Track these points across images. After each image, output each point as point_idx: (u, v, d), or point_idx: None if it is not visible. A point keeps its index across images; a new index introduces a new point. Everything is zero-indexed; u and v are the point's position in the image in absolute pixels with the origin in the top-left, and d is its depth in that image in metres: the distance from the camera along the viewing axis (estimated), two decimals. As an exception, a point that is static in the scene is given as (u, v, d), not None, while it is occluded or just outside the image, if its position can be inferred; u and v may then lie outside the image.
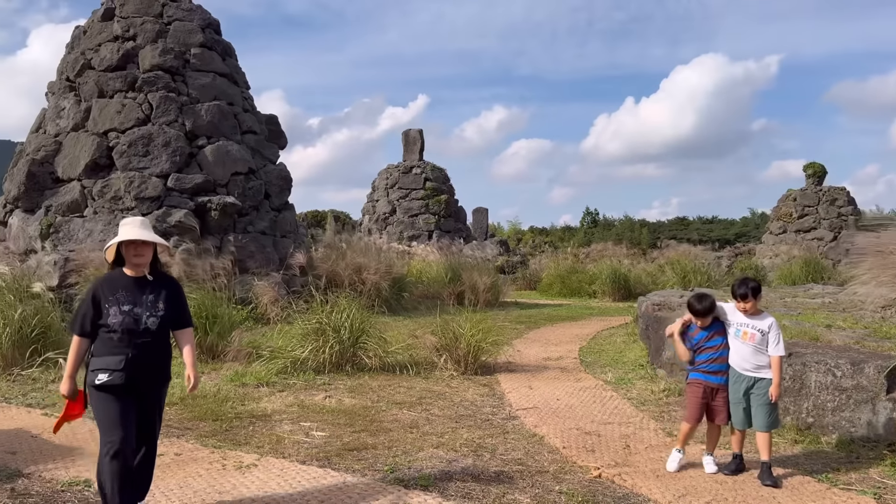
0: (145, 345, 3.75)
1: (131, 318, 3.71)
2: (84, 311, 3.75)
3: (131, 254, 3.81)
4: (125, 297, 3.73)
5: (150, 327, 3.77)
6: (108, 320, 3.68)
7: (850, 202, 24.34)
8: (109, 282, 3.81)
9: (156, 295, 3.83)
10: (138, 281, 3.83)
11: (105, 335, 3.71)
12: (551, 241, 42.97)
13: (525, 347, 10.67)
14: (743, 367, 4.81)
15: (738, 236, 43.49)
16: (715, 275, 19.33)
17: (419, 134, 29.22)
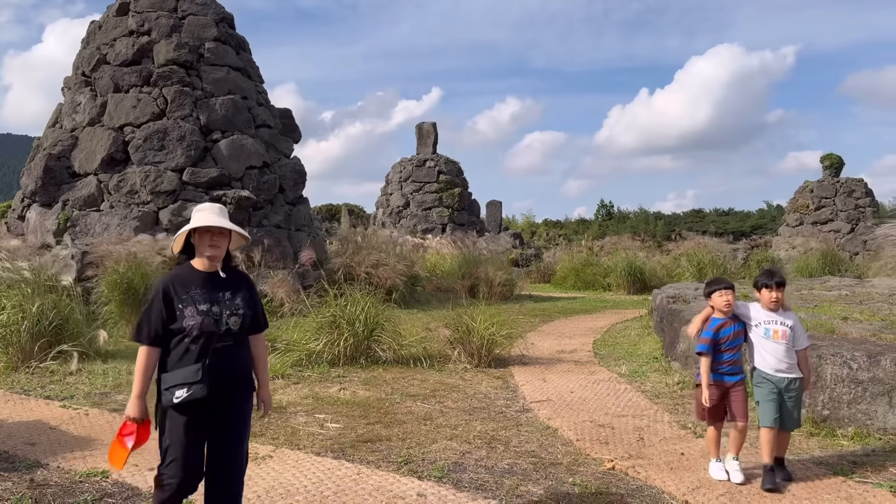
0: (226, 350, 3.24)
1: (211, 319, 3.19)
2: (154, 314, 3.19)
3: (206, 244, 3.30)
4: (201, 296, 3.23)
5: (232, 328, 3.26)
6: (184, 322, 3.16)
7: (867, 194, 24.05)
8: (179, 278, 3.28)
9: (233, 292, 3.33)
10: (212, 277, 3.34)
11: (178, 342, 3.19)
12: (566, 233, 42.83)
13: (539, 340, 10.67)
14: (778, 369, 4.50)
15: (754, 228, 43.11)
16: (731, 267, 19.19)
17: (433, 127, 29.18)
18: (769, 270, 4.70)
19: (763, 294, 4.58)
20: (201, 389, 3.11)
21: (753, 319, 4.60)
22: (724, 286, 4.68)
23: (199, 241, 3.33)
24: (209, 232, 3.33)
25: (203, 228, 3.33)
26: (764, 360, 4.55)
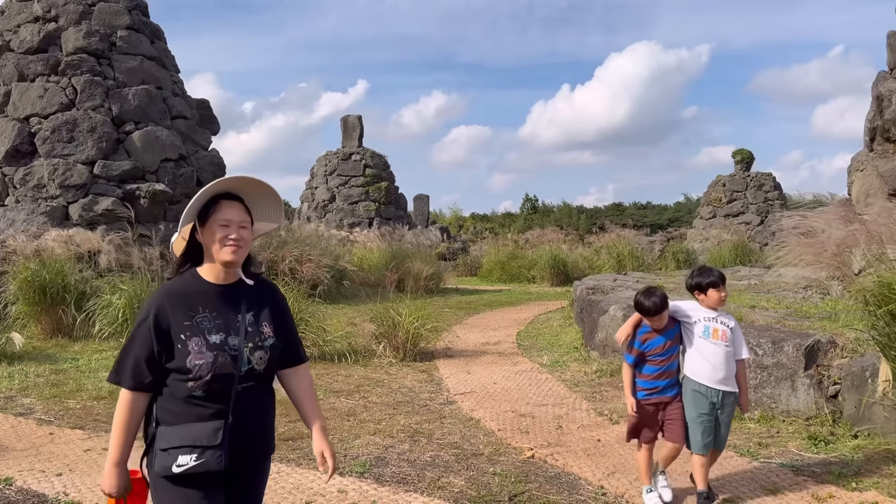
0: (248, 396, 2.27)
1: (227, 357, 2.21)
2: (140, 348, 2.21)
3: (223, 237, 2.26)
4: (212, 321, 2.24)
5: (256, 367, 2.27)
6: (189, 361, 2.17)
7: (776, 187, 25.31)
8: (180, 295, 2.26)
9: (256, 313, 2.33)
10: (228, 290, 2.32)
11: (179, 386, 2.20)
12: (492, 227, 43.30)
13: (464, 333, 10.77)
14: (714, 379, 3.84)
15: (671, 221, 44.72)
16: (648, 259, 19.84)
17: (358, 120, 28.95)
18: (708, 268, 4.07)
19: (710, 295, 3.91)
20: (217, 460, 2.17)
21: (692, 316, 3.93)
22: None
23: (209, 234, 2.28)
24: (228, 209, 2.28)
25: (220, 218, 2.27)
26: (697, 366, 3.86)
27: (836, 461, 4.59)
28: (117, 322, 8.84)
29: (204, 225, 2.30)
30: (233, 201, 2.33)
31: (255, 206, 2.40)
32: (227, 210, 2.30)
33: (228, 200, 2.32)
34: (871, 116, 9.95)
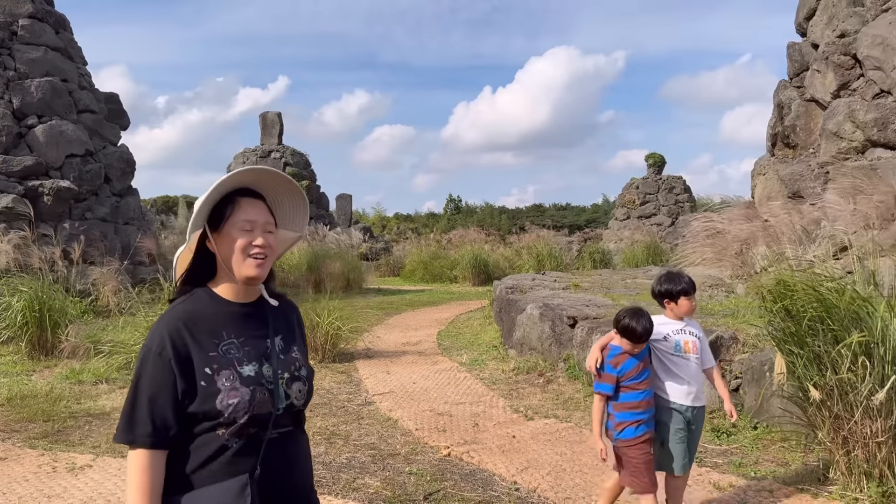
0: (285, 443, 1.83)
1: (264, 392, 1.76)
2: (155, 391, 1.71)
3: (245, 242, 1.80)
4: (240, 348, 1.79)
5: (296, 403, 1.85)
6: (219, 402, 1.70)
7: (686, 190, 26.37)
8: (198, 318, 1.79)
9: (286, 336, 1.92)
10: (253, 311, 1.88)
11: (203, 437, 1.73)
12: (415, 227, 43.33)
13: (385, 333, 10.73)
14: (690, 396, 3.49)
15: (588, 222, 45.89)
16: (567, 258, 20.30)
17: (277, 117, 28.40)
18: (677, 274, 3.64)
19: (682, 304, 3.54)
20: None
21: (661, 332, 3.51)
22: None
23: (226, 241, 1.81)
24: (252, 220, 1.82)
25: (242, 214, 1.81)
26: (673, 385, 3.50)
27: (737, 451, 4.83)
28: (16, 325, 8.37)
29: (218, 230, 1.81)
30: (255, 199, 1.85)
31: (278, 210, 1.94)
32: (248, 209, 1.81)
33: (249, 198, 1.84)
34: (772, 123, 10.51)
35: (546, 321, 7.81)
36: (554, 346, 7.62)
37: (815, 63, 9.42)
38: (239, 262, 1.79)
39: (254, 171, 1.86)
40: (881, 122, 8.10)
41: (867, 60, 8.42)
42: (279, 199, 1.95)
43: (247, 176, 1.86)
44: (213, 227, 1.82)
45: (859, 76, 8.68)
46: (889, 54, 8.13)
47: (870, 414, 3.87)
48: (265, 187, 1.91)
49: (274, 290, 1.96)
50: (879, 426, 3.87)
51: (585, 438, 5.22)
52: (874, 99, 8.32)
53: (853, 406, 3.91)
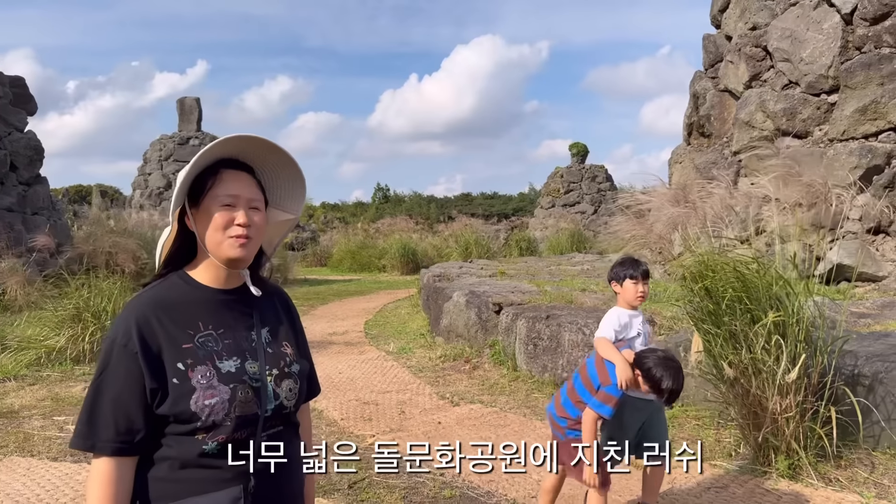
0: (277, 451, 1.59)
1: (247, 390, 1.54)
2: (120, 388, 1.49)
3: (225, 219, 1.57)
4: (219, 341, 1.57)
5: (286, 403, 1.62)
6: (194, 402, 1.48)
7: (608, 178, 27.04)
8: (169, 306, 1.56)
9: (273, 328, 1.69)
10: (235, 298, 1.64)
11: (179, 442, 1.51)
12: (343, 216, 42.87)
13: (311, 324, 10.57)
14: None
15: (515, 211, 46.48)
16: (494, 246, 20.51)
17: (196, 102, 27.50)
18: (632, 259, 3.52)
19: (627, 287, 3.40)
20: None
21: (633, 328, 3.37)
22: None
23: (204, 217, 1.58)
24: (234, 195, 1.58)
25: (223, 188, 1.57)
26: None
27: (655, 429, 4.97)
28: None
29: (197, 205, 1.58)
30: (241, 172, 1.62)
31: (270, 184, 1.71)
32: (230, 182, 1.58)
33: (234, 171, 1.60)
34: (688, 113, 10.85)
35: (472, 308, 7.85)
36: (480, 333, 7.67)
37: (728, 54, 9.77)
38: (218, 241, 1.56)
39: (242, 138, 1.59)
40: (790, 112, 8.47)
41: (777, 52, 8.79)
42: (271, 174, 1.70)
43: (234, 144, 1.60)
44: (193, 202, 1.59)
45: (770, 67, 9.05)
46: (797, 46, 8.50)
47: (781, 391, 4.05)
48: (255, 159, 1.67)
49: (262, 276, 1.73)
50: (790, 402, 4.05)
51: (510, 422, 5.28)
52: (783, 90, 8.69)
53: (765, 383, 4.07)
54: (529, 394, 6.09)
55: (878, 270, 7.39)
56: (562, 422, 3.31)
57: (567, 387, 3.39)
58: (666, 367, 3.01)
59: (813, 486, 3.99)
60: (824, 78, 8.25)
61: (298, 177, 1.72)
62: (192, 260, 1.64)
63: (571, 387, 3.34)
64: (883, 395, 4.43)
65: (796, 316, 4.01)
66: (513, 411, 5.61)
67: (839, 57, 8.09)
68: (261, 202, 1.63)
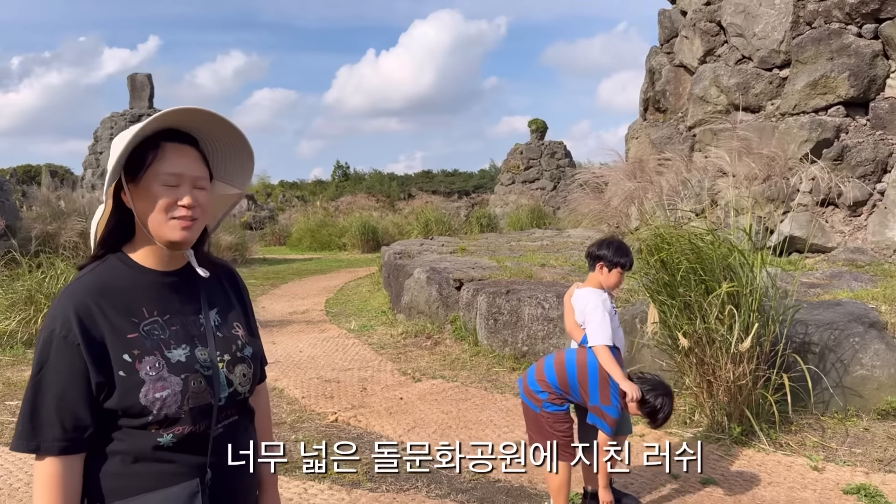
0: (231, 436, 1.52)
1: (200, 379, 1.45)
2: (64, 382, 1.37)
3: (168, 200, 1.43)
4: (165, 328, 1.46)
5: (240, 390, 1.53)
6: (144, 396, 1.39)
7: (567, 155, 27.18)
8: (111, 292, 1.44)
9: (223, 309, 1.58)
10: (179, 279, 1.52)
11: (132, 437, 1.41)
12: (302, 194, 42.42)
13: (271, 303, 10.48)
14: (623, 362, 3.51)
15: (476, 187, 46.52)
16: (455, 223, 20.51)
17: (147, 79, 26.78)
18: (626, 248, 3.46)
19: (613, 275, 3.42)
20: None
21: (610, 307, 3.42)
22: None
23: (144, 196, 1.43)
24: (178, 173, 1.44)
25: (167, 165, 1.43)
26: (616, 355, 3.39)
27: (613, 400, 5.06)
28: None
29: (136, 181, 1.43)
30: (185, 146, 1.47)
31: (215, 157, 1.57)
32: (175, 158, 1.44)
33: (177, 144, 1.46)
34: (644, 88, 10.94)
35: (433, 284, 7.85)
36: (441, 309, 7.68)
37: (683, 30, 9.85)
38: (160, 223, 1.42)
39: (186, 110, 1.45)
40: (743, 87, 8.60)
41: (730, 27, 8.89)
42: (217, 146, 1.56)
43: (177, 116, 1.45)
44: (130, 178, 1.44)
45: (724, 42, 9.16)
46: (750, 22, 8.62)
47: (734, 359, 4.15)
48: (200, 131, 1.51)
49: (207, 254, 1.60)
50: (742, 370, 4.15)
51: (471, 396, 5.32)
52: (737, 64, 8.81)
53: (719, 352, 4.17)
54: (490, 368, 6.14)
55: (828, 242, 7.60)
56: (543, 394, 3.30)
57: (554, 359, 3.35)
58: (666, 393, 3.14)
59: (765, 452, 4.12)
60: (776, 53, 8.39)
61: (246, 150, 1.59)
62: (131, 239, 1.49)
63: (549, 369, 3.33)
64: (833, 362, 4.59)
65: (749, 286, 4.10)
66: (474, 385, 5.65)
67: (791, 32, 8.22)
68: (206, 179, 1.49)
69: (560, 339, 6.04)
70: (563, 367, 3.32)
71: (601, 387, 3.22)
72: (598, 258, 3.42)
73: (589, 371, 3.25)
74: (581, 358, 3.30)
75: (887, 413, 4.45)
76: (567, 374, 3.29)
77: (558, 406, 3.29)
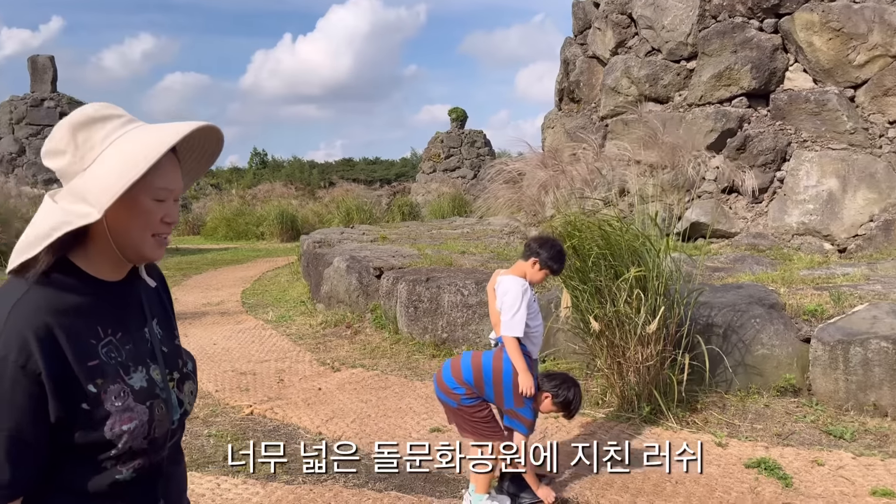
0: (177, 462, 1.44)
1: (162, 406, 1.32)
2: (16, 423, 1.16)
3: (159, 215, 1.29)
4: (120, 348, 1.29)
5: (188, 410, 1.44)
6: (109, 429, 1.22)
7: (486, 144, 27.45)
8: (69, 311, 1.23)
9: (162, 319, 1.45)
10: (122, 289, 1.35)
11: (87, 473, 1.24)
12: (217, 182, 41.17)
13: (183, 295, 10.14)
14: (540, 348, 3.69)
15: (398, 176, 46.40)
16: (377, 212, 20.39)
17: (50, 61, 25.31)
18: (564, 255, 3.56)
19: (541, 274, 3.48)
20: None
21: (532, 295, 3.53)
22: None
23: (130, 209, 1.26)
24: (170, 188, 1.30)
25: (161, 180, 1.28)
26: (536, 338, 3.58)
27: (530, 384, 5.16)
28: None
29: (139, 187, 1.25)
30: (173, 156, 1.32)
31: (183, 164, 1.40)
32: (170, 172, 1.30)
33: (171, 154, 1.30)
34: (559, 79, 11.14)
35: (353, 273, 7.78)
36: (361, 298, 7.63)
37: (596, 21, 10.08)
38: (142, 239, 1.28)
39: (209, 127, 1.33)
40: (652, 78, 8.89)
41: (641, 20, 9.15)
42: (185, 157, 1.40)
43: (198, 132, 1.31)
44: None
45: (634, 35, 9.43)
46: (659, 14, 8.89)
47: (642, 341, 4.29)
48: (187, 143, 1.36)
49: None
50: (650, 352, 4.31)
51: (391, 384, 5.31)
52: (647, 56, 9.09)
53: (628, 335, 4.30)
54: (410, 356, 6.15)
55: (732, 227, 7.97)
56: (459, 389, 3.35)
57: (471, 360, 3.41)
58: (575, 385, 3.37)
59: (672, 430, 4.30)
60: (684, 45, 8.69)
61: (207, 165, 1.47)
62: (80, 245, 1.27)
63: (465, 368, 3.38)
64: (735, 342, 4.82)
65: (656, 271, 4.25)
66: (394, 374, 5.65)
67: (697, 25, 8.54)
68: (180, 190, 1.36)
69: (479, 325, 6.11)
70: (479, 368, 3.37)
71: (515, 390, 3.29)
72: (536, 254, 3.46)
73: (504, 375, 3.32)
74: (497, 363, 3.36)
75: (785, 390, 4.72)
76: (483, 377, 3.36)
77: (474, 399, 3.35)
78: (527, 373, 3.28)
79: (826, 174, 7.57)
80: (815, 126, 7.75)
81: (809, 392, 4.68)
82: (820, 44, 7.73)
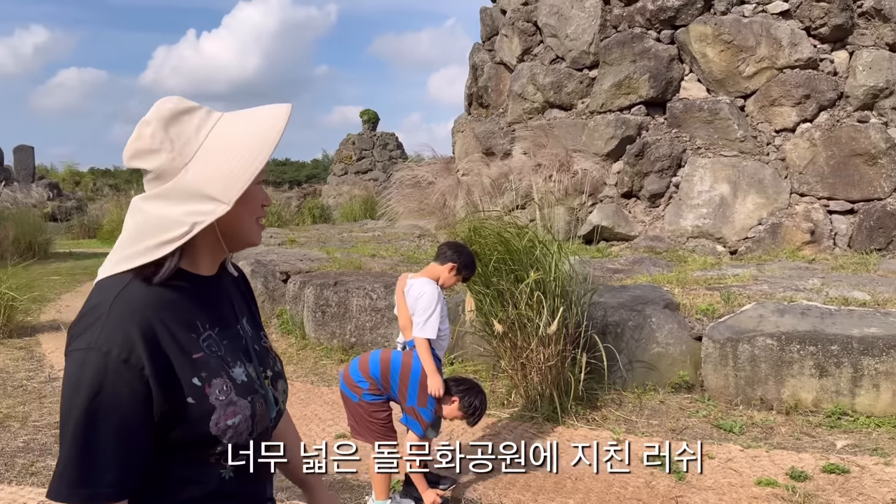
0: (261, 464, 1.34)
1: (261, 402, 1.29)
2: (124, 417, 1.11)
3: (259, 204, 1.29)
4: (218, 343, 1.26)
5: (283, 409, 1.42)
6: (214, 424, 1.19)
7: (398, 146, 27.46)
8: (171, 304, 1.20)
9: (250, 317, 1.41)
10: (214, 283, 1.32)
11: (192, 473, 1.22)
12: (116, 183, 39.35)
13: (77, 301, 9.61)
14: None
15: (309, 178, 45.73)
16: (286, 214, 20.01)
17: (-72, 52, 23.55)
18: (473, 262, 3.67)
19: (453, 279, 3.56)
20: None
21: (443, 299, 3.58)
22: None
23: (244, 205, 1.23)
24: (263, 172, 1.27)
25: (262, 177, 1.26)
26: (444, 341, 3.65)
27: (437, 387, 5.19)
28: None
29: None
30: None
31: None
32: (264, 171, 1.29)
33: None
34: (469, 84, 11.28)
35: (258, 277, 7.60)
36: (267, 303, 7.47)
37: (503, 28, 10.26)
38: (251, 225, 1.28)
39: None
40: (556, 86, 9.12)
41: (545, 28, 9.39)
42: None
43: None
44: None
45: (540, 42, 9.65)
46: (563, 23, 9.14)
47: (543, 342, 4.40)
48: None
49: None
50: (551, 352, 4.42)
51: (297, 391, 5.22)
52: (551, 64, 9.32)
53: (530, 336, 4.40)
54: (318, 361, 6.07)
55: (631, 230, 8.28)
56: (363, 383, 3.37)
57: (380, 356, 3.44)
58: (481, 391, 3.44)
59: (573, 427, 4.43)
60: (586, 54, 8.97)
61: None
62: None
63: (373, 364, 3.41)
64: (628, 340, 5.01)
65: (553, 274, 4.37)
66: (300, 380, 5.56)
67: (599, 34, 8.83)
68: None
69: (388, 329, 6.10)
70: (387, 364, 3.40)
71: (420, 390, 3.34)
72: (452, 260, 3.52)
73: (412, 373, 3.36)
74: (407, 360, 3.40)
75: (680, 386, 4.94)
76: (391, 372, 3.38)
77: (377, 396, 3.36)
78: (436, 375, 3.34)
79: (718, 180, 7.98)
80: (708, 134, 8.16)
81: (702, 388, 4.92)
82: (713, 55, 8.15)
